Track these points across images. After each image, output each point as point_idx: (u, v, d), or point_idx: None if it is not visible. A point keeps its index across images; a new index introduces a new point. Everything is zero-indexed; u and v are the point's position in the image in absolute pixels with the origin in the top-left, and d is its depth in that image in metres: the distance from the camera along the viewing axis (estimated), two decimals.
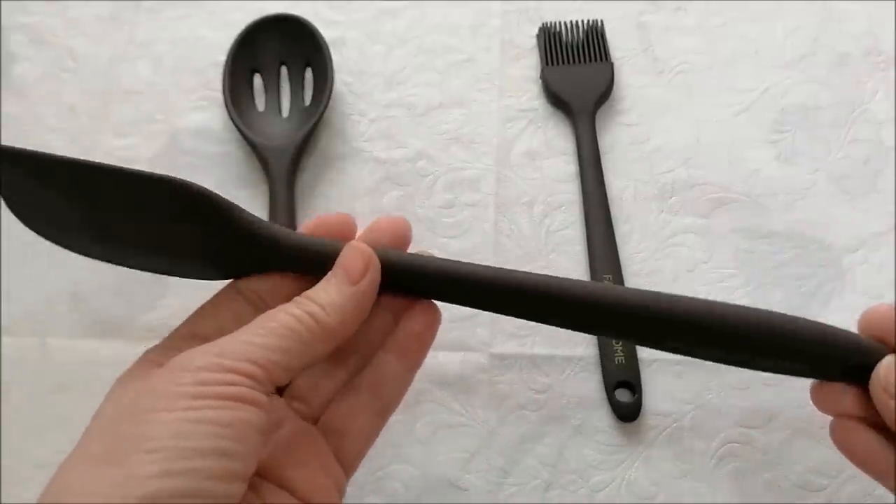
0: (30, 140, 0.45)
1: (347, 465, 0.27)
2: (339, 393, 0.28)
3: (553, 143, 0.43)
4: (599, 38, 0.44)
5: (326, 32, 0.44)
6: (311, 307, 0.25)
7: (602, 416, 0.37)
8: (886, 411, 0.27)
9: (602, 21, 0.45)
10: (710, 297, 0.39)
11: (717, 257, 0.40)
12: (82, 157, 0.26)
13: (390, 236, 0.28)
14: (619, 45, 0.45)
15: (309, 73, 0.44)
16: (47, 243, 0.43)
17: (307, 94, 0.44)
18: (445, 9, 0.46)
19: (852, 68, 0.43)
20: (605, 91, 0.43)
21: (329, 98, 0.42)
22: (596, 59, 0.44)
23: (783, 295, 0.39)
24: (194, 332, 0.26)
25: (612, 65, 0.43)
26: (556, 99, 0.43)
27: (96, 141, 0.44)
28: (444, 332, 0.39)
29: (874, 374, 0.27)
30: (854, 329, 0.28)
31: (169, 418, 0.21)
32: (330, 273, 0.26)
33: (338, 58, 0.44)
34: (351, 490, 0.38)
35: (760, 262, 0.40)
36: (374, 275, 0.26)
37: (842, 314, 0.39)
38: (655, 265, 0.40)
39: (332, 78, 0.43)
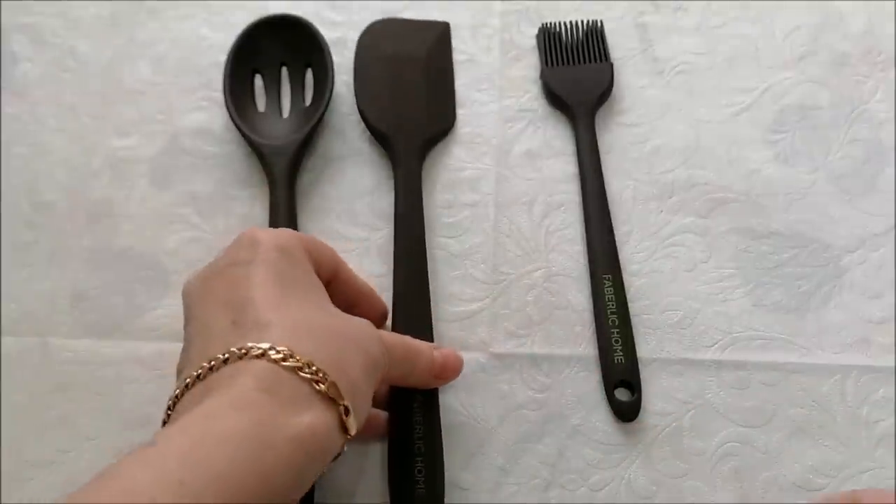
0: (30, 140, 0.45)
1: None
2: None
3: (553, 143, 0.43)
4: (599, 38, 0.44)
5: (327, 33, 0.44)
6: (424, 362, 0.34)
7: (601, 416, 0.37)
8: None
9: (602, 21, 0.45)
10: (710, 297, 0.39)
11: (717, 257, 0.40)
12: (84, 157, 0.26)
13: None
14: (619, 45, 0.45)
15: (309, 74, 0.44)
16: (47, 243, 0.43)
17: (308, 94, 0.44)
18: (445, 9, 0.46)
19: (852, 68, 0.43)
20: (604, 91, 0.43)
21: (329, 99, 0.42)
22: (596, 60, 0.44)
23: (783, 295, 0.39)
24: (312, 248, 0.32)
25: (611, 65, 0.43)
26: (556, 99, 0.43)
27: (97, 141, 0.44)
28: (444, 332, 0.39)
29: None
30: (853, 329, 0.28)
31: (372, 347, 0.29)
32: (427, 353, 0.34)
33: (338, 58, 0.44)
34: (351, 490, 0.38)
35: (760, 262, 0.40)
36: (454, 377, 0.35)
37: (841, 314, 0.39)
38: (655, 265, 0.40)
39: (333, 78, 0.43)
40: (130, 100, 0.45)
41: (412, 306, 0.38)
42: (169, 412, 0.26)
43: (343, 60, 0.45)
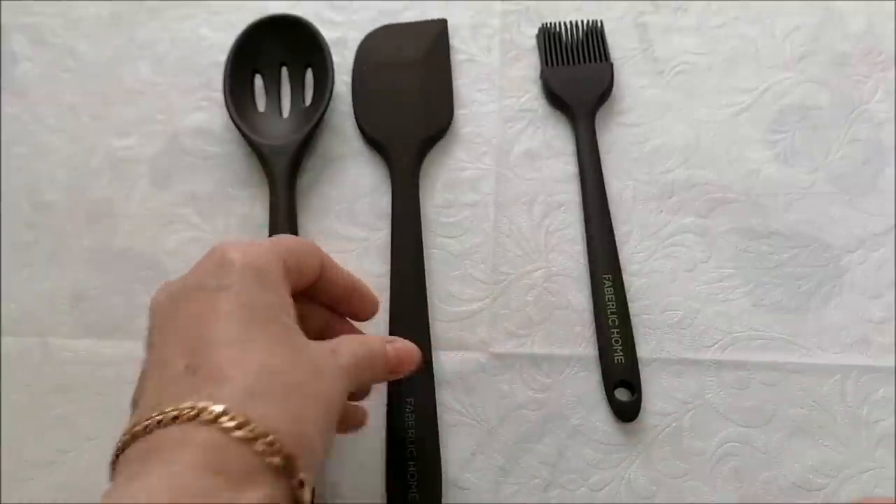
0: (30, 140, 0.45)
1: None
2: None
3: (553, 143, 0.43)
4: (599, 38, 0.44)
5: (327, 33, 0.44)
6: (380, 362, 0.31)
7: (601, 416, 0.37)
8: None
9: (601, 21, 0.45)
10: (710, 297, 0.39)
11: (717, 257, 0.40)
12: (84, 157, 0.26)
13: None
14: (619, 45, 0.45)
15: (309, 74, 0.44)
16: (47, 243, 0.43)
17: (307, 94, 0.44)
18: (445, 9, 0.46)
19: (852, 68, 0.43)
20: (604, 91, 0.43)
21: (329, 99, 0.42)
22: (595, 60, 0.44)
23: (782, 294, 0.39)
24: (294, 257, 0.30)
25: (611, 65, 0.43)
26: (556, 99, 0.43)
27: (97, 141, 0.44)
28: (443, 332, 0.39)
29: None
30: (853, 329, 0.28)
31: (332, 388, 0.27)
32: (390, 350, 0.32)
33: (338, 58, 0.44)
34: (351, 490, 0.38)
35: (760, 262, 0.40)
36: (410, 368, 0.32)
37: (841, 314, 0.39)
38: (655, 265, 0.40)
39: (333, 78, 0.43)
40: (130, 100, 0.45)
41: (410, 306, 0.38)
42: (113, 465, 0.25)
43: (343, 60, 0.45)
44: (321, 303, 0.33)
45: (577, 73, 0.43)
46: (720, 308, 0.39)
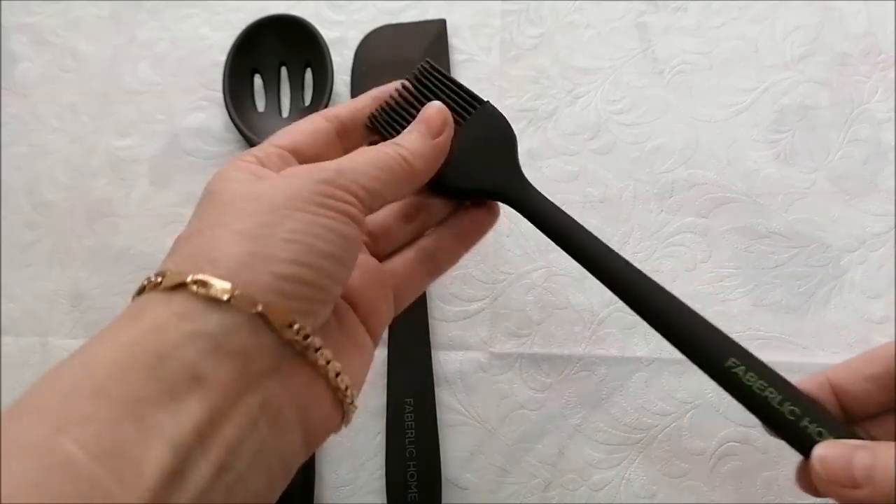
0: (30, 140, 0.45)
1: (395, 309, 0.31)
2: (403, 245, 0.32)
3: (553, 142, 0.43)
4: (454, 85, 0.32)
5: (327, 33, 0.44)
6: (404, 151, 0.28)
7: (601, 416, 0.37)
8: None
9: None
10: (710, 297, 0.39)
11: (717, 257, 0.40)
12: (84, 157, 0.26)
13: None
14: (619, 45, 0.45)
15: (309, 74, 0.45)
16: (47, 243, 0.43)
17: (307, 94, 0.44)
18: (445, 9, 0.46)
19: (852, 68, 0.43)
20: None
21: (329, 98, 0.42)
22: (473, 108, 0.32)
23: (782, 294, 0.39)
24: (293, 146, 0.28)
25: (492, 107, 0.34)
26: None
27: (97, 141, 0.44)
28: (443, 332, 0.39)
29: (812, 468, 0.26)
30: (853, 329, 0.28)
31: (303, 218, 0.24)
32: (414, 125, 0.29)
33: (338, 58, 0.44)
34: (351, 490, 0.38)
35: (760, 262, 0.40)
36: (450, 131, 0.30)
37: (841, 314, 0.39)
38: (655, 265, 0.40)
39: (332, 78, 0.43)
40: (130, 100, 0.45)
41: (410, 306, 0.38)
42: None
43: (343, 60, 0.45)
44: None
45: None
46: (720, 308, 0.39)
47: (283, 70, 0.45)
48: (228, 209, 0.25)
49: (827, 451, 0.26)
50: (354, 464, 0.38)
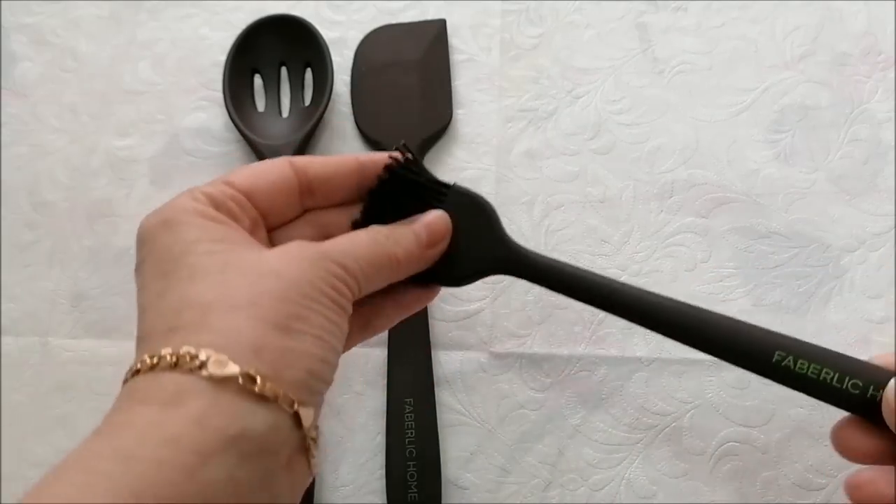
0: (30, 140, 0.45)
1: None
2: None
3: (553, 142, 0.43)
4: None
5: (327, 33, 0.44)
6: (399, 252, 0.27)
7: (601, 416, 0.37)
8: None
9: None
10: (710, 297, 0.39)
11: (717, 257, 0.40)
12: (84, 157, 0.26)
13: None
14: (618, 45, 0.45)
15: (309, 74, 0.44)
16: (47, 243, 0.43)
17: (307, 94, 0.44)
18: (445, 9, 0.46)
19: (852, 68, 0.43)
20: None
21: (329, 98, 0.42)
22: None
23: (782, 295, 0.39)
24: (250, 190, 0.27)
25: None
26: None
27: (97, 141, 0.44)
28: (443, 332, 0.39)
29: (884, 396, 0.27)
30: (853, 329, 0.28)
31: (325, 313, 0.24)
32: (417, 226, 0.28)
33: (338, 58, 0.44)
34: (351, 490, 0.38)
35: (760, 262, 0.40)
36: (447, 243, 0.29)
37: (841, 314, 0.39)
38: (655, 265, 0.40)
39: (332, 78, 0.43)
40: (130, 100, 0.45)
41: None
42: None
43: (343, 60, 0.45)
44: (343, 202, 0.30)
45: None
46: (720, 308, 0.39)
47: (283, 70, 0.45)
48: (233, 280, 0.23)
49: None
50: (354, 464, 0.38)
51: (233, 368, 0.21)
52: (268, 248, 0.25)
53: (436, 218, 0.29)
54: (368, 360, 0.39)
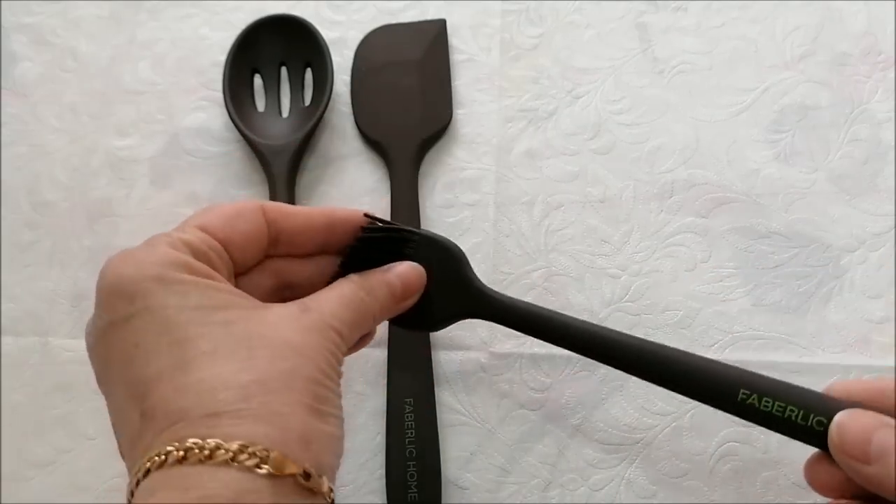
0: (30, 140, 0.45)
1: None
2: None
3: (553, 142, 0.43)
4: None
5: (327, 33, 0.44)
6: (375, 307, 0.28)
7: (601, 416, 0.37)
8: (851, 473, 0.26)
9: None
10: (710, 297, 0.39)
11: (717, 257, 0.40)
12: (84, 157, 0.26)
13: None
14: (618, 45, 0.45)
15: (309, 74, 0.45)
16: (47, 243, 0.43)
17: (307, 94, 0.44)
18: (445, 9, 0.46)
19: (852, 68, 0.43)
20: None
21: (329, 98, 0.42)
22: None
23: (782, 295, 0.39)
24: (227, 239, 0.27)
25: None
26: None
27: (97, 141, 0.44)
28: (443, 332, 0.39)
29: (829, 433, 0.27)
30: (853, 329, 0.28)
31: (335, 388, 0.24)
32: (393, 279, 0.29)
33: (338, 58, 0.44)
34: (351, 490, 0.38)
35: (760, 262, 0.40)
36: (417, 297, 0.30)
37: (841, 314, 0.39)
38: (655, 265, 0.40)
39: (332, 78, 0.43)
40: (130, 100, 0.45)
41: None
42: None
43: (343, 60, 0.45)
44: (307, 254, 0.29)
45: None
46: (720, 308, 0.39)
47: (283, 70, 0.45)
48: (261, 357, 0.23)
49: (847, 418, 0.26)
50: (354, 464, 0.38)
51: (292, 468, 0.21)
52: (267, 310, 0.25)
53: (410, 270, 0.29)
54: (368, 360, 0.39)
